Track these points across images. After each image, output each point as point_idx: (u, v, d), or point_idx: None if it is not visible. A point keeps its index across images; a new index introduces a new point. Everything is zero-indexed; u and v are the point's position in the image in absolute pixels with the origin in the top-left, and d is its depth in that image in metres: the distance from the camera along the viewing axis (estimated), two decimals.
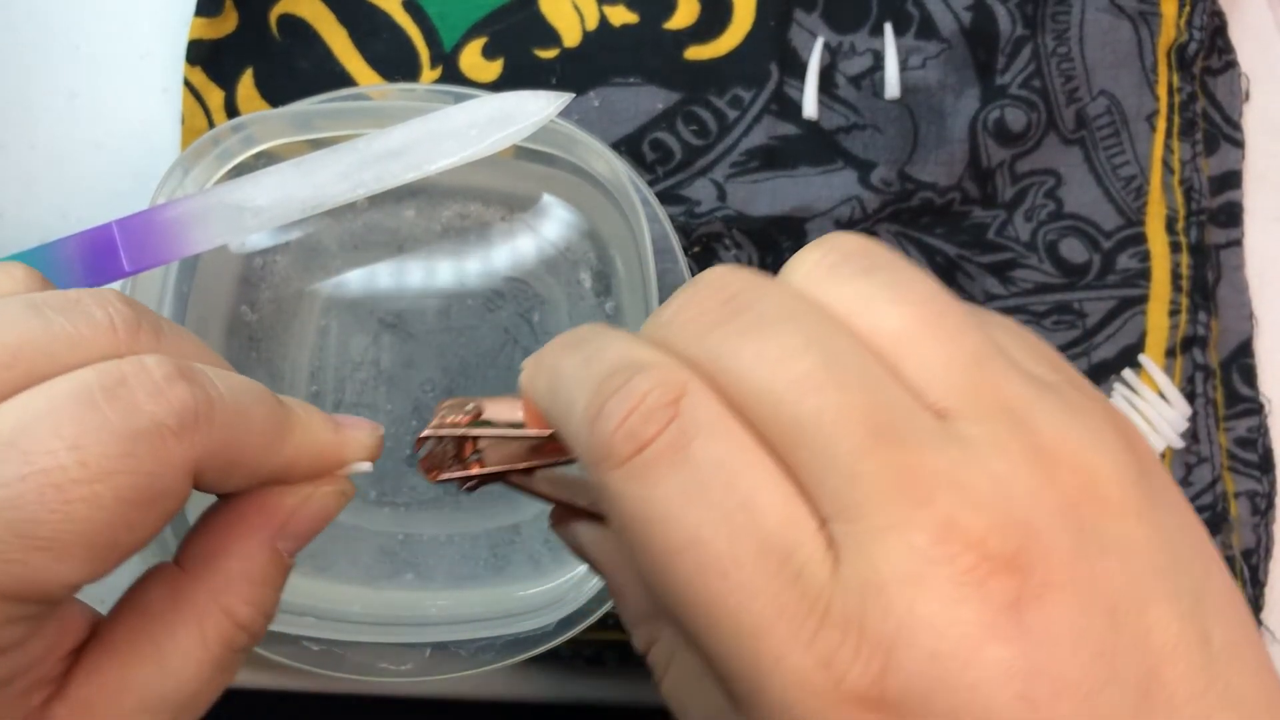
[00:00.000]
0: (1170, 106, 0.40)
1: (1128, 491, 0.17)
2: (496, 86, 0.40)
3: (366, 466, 0.24)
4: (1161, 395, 0.39)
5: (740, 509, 0.17)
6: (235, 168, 0.36)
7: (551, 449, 0.24)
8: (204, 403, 0.20)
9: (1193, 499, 0.39)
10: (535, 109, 0.33)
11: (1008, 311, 0.40)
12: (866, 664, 0.16)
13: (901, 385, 0.18)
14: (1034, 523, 0.16)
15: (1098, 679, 0.16)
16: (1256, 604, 0.39)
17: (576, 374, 0.19)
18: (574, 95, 0.35)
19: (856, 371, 0.17)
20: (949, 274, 0.40)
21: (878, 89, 0.40)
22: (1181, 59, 0.40)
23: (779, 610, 0.16)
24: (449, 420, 0.23)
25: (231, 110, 0.40)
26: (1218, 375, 0.40)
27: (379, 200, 0.38)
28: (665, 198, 0.39)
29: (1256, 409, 0.40)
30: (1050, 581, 0.16)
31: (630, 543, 0.18)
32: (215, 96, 0.40)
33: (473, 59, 0.40)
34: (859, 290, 0.19)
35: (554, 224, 0.39)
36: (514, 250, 0.39)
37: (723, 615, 0.17)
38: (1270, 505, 0.39)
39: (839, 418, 0.17)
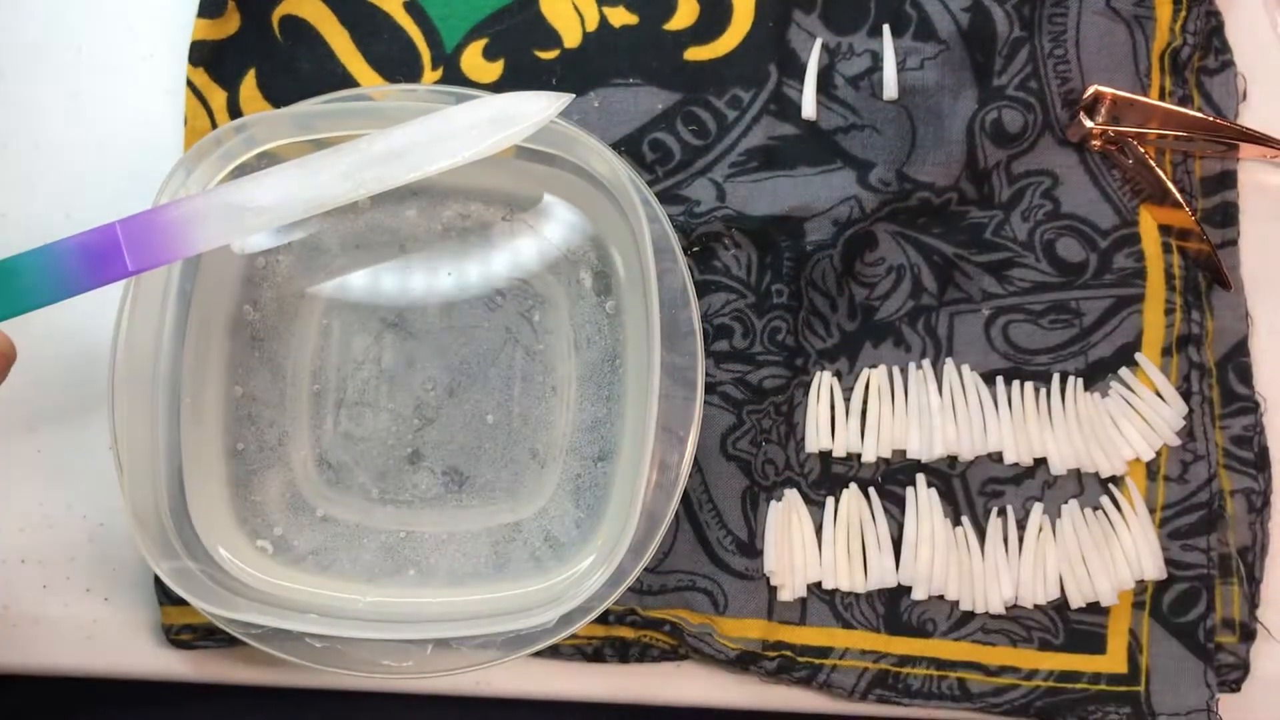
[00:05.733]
0: None
1: None
2: (497, 87, 0.40)
3: None
4: (1158, 394, 0.39)
5: None
6: (237, 168, 0.37)
7: None
8: None
9: (1189, 496, 0.39)
10: (536, 109, 0.34)
11: (1005, 310, 0.40)
12: None
13: None
14: None
15: None
16: (1252, 601, 0.39)
17: None
18: (574, 95, 0.35)
19: None
20: (947, 273, 0.40)
21: (876, 90, 0.40)
22: (1174, 63, 0.40)
23: None
24: None
25: (234, 111, 0.40)
26: (1213, 374, 0.40)
27: (380, 200, 0.38)
28: (665, 197, 0.40)
29: (1252, 407, 0.40)
30: None
31: None
32: (218, 97, 0.40)
33: (473, 60, 0.40)
34: None
35: (554, 224, 0.39)
36: (515, 250, 0.39)
37: None
38: (1266, 502, 0.40)
39: None
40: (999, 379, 0.40)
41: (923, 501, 0.39)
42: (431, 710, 0.41)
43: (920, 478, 0.39)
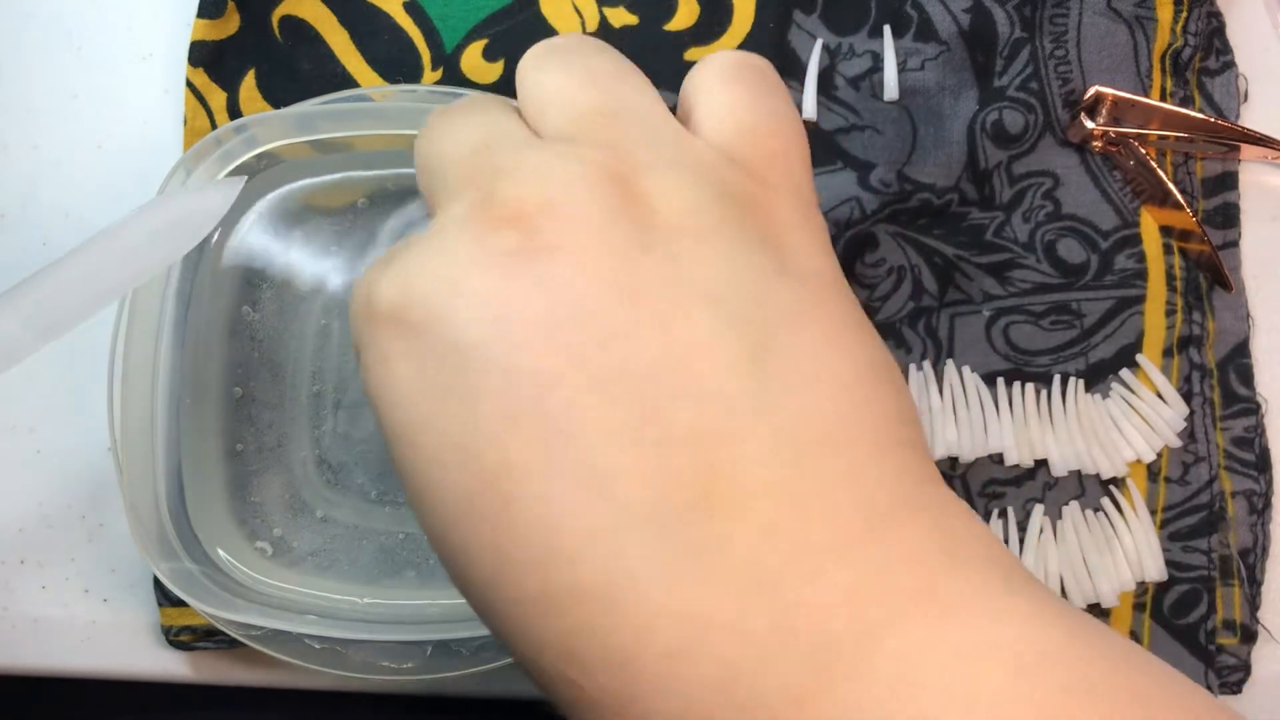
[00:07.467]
0: None
1: (697, 220, 0.19)
2: (497, 88, 0.40)
3: None
4: (1159, 395, 0.39)
5: None
6: (237, 168, 0.37)
7: None
8: None
9: (1190, 498, 0.39)
10: (216, 202, 0.33)
11: (1006, 311, 0.40)
12: (389, 285, 0.19)
13: (526, 126, 0.22)
14: (566, 202, 0.18)
15: (589, 337, 0.17)
16: (1253, 603, 0.39)
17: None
18: (246, 179, 0.35)
19: (487, 120, 0.22)
20: (947, 274, 0.40)
21: (877, 91, 0.40)
22: (1176, 64, 0.40)
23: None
24: None
25: (234, 111, 0.40)
26: (1214, 375, 0.40)
27: (380, 200, 0.38)
28: None
29: (1253, 409, 0.40)
30: (562, 245, 0.18)
31: None
32: (217, 97, 0.40)
33: (474, 60, 0.40)
34: (546, 70, 0.23)
35: None
36: None
37: None
38: (1267, 504, 0.40)
39: (459, 142, 0.21)
40: (1000, 380, 0.40)
41: None
42: (430, 711, 0.41)
43: None
